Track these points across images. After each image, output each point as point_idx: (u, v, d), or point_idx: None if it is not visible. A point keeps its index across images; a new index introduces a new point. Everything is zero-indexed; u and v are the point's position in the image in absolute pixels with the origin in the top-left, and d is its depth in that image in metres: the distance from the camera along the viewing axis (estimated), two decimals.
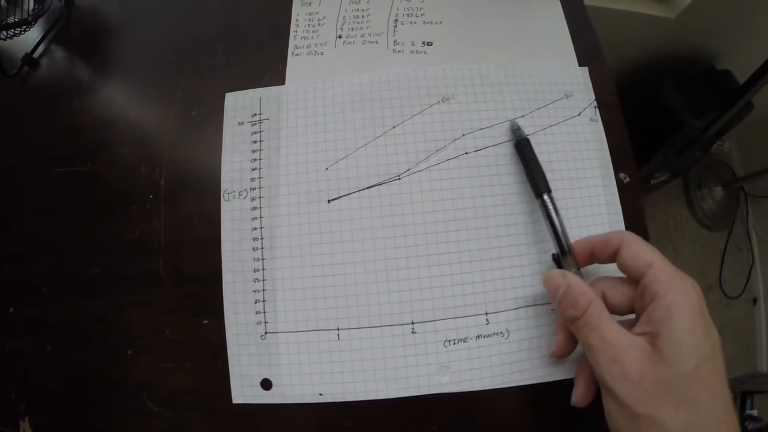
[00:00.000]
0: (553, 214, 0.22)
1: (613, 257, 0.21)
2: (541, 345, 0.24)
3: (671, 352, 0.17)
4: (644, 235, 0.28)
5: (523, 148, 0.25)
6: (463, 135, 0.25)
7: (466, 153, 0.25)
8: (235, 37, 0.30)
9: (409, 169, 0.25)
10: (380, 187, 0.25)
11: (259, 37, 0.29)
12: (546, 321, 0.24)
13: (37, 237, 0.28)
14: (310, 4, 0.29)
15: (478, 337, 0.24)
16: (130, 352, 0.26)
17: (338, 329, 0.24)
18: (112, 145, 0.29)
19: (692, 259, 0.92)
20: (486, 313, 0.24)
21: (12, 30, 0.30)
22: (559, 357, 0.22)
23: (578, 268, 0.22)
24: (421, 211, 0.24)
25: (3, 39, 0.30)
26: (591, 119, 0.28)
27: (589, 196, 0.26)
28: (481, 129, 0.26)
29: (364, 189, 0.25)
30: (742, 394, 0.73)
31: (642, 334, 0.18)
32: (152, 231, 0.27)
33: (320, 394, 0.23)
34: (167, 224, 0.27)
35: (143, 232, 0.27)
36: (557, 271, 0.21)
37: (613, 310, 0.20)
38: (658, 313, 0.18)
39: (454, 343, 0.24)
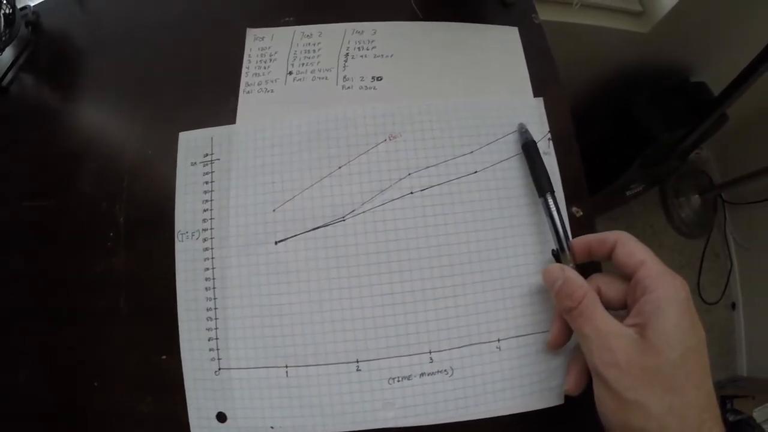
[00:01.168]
0: (555, 213, 0.24)
1: (608, 255, 0.22)
2: (486, 382, 0.24)
3: (659, 342, 0.18)
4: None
5: (529, 150, 0.26)
6: (409, 174, 0.25)
7: (411, 193, 0.25)
8: (192, 73, 0.30)
9: (354, 210, 0.25)
10: (326, 228, 0.24)
11: (214, 74, 0.29)
12: (489, 359, 0.24)
13: (8, 269, 0.29)
14: (263, 38, 0.29)
15: (422, 374, 0.24)
16: (96, 384, 0.27)
17: (287, 366, 0.24)
18: (76, 180, 0.29)
19: (670, 266, 0.87)
20: (430, 352, 0.24)
21: None
22: (554, 347, 0.23)
23: (575, 264, 0.23)
24: (365, 252, 0.24)
25: None
26: (544, 152, 0.27)
27: (539, 233, 0.26)
28: (428, 167, 0.25)
29: (309, 231, 0.25)
30: (722, 398, 0.72)
31: (633, 325, 0.19)
32: (113, 268, 0.27)
33: (272, 428, 0.24)
34: (127, 261, 0.27)
35: (105, 268, 0.28)
36: (556, 265, 0.22)
37: (607, 304, 0.21)
38: (648, 306, 0.19)
39: (398, 381, 0.24)
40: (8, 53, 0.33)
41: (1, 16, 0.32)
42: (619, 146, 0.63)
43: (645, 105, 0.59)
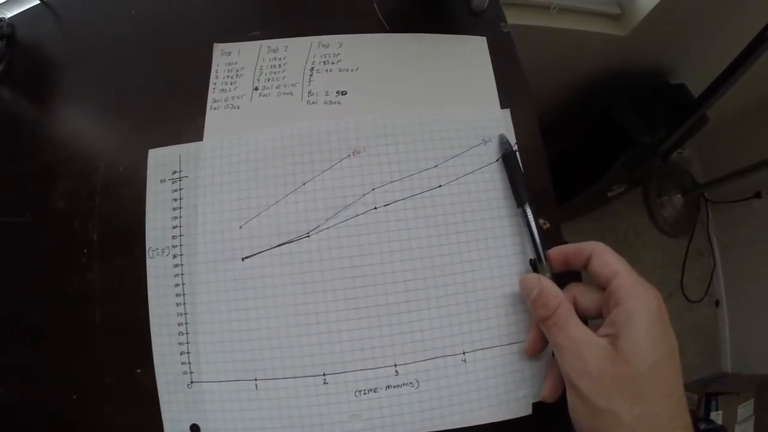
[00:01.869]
0: (532, 223, 0.24)
1: (584, 265, 0.22)
2: (452, 393, 0.24)
3: (630, 352, 0.18)
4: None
5: (509, 161, 0.26)
6: (373, 189, 0.25)
7: (375, 208, 0.25)
8: (161, 88, 0.29)
9: (318, 227, 0.25)
10: (290, 244, 0.25)
11: (182, 90, 0.29)
12: (455, 371, 0.24)
13: None
14: (230, 53, 0.28)
15: (388, 387, 0.24)
16: (75, 397, 0.27)
17: (256, 380, 0.24)
18: (50, 197, 0.29)
19: (654, 265, 0.92)
20: (395, 365, 0.24)
21: None
22: (531, 354, 0.24)
23: (552, 274, 0.23)
24: (329, 268, 0.24)
25: None
26: None
27: (505, 246, 0.26)
28: (392, 182, 0.25)
29: (275, 247, 0.25)
30: (707, 395, 0.72)
31: (605, 335, 0.19)
32: (88, 284, 0.28)
33: None
34: (101, 277, 0.27)
35: (80, 284, 0.28)
36: (532, 275, 0.23)
37: (583, 314, 0.22)
38: (621, 317, 0.19)
39: (364, 393, 0.24)
40: None
41: None
42: (600, 148, 0.63)
43: (625, 107, 0.59)
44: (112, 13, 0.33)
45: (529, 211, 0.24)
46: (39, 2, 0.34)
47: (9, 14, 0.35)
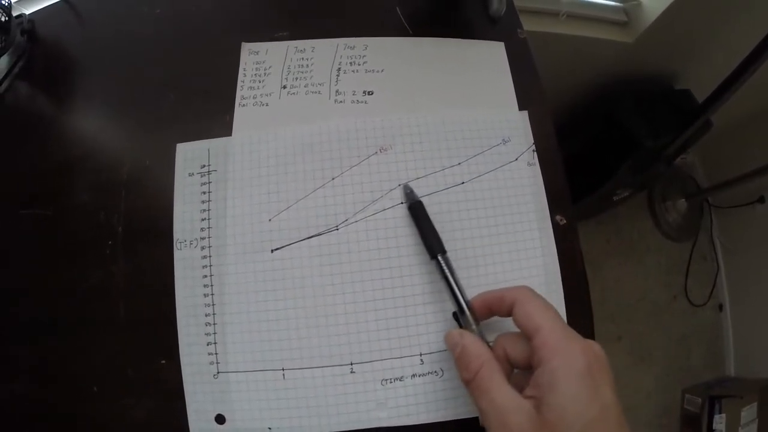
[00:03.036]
0: (448, 275, 0.23)
1: (508, 313, 0.21)
2: None
3: (554, 419, 0.17)
4: (581, 275, 0.29)
5: (416, 211, 0.26)
6: (399, 185, 0.27)
7: (402, 203, 0.27)
8: (187, 85, 0.31)
9: (346, 220, 0.26)
10: (320, 237, 0.26)
11: (210, 87, 0.31)
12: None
13: (6, 278, 0.30)
14: (257, 53, 0.31)
15: (414, 375, 0.26)
16: (95, 389, 0.28)
17: (283, 369, 0.26)
18: (73, 190, 0.31)
19: (657, 270, 0.95)
20: (420, 354, 0.26)
21: None
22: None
23: (478, 324, 0.22)
24: (357, 260, 0.26)
25: None
26: (528, 163, 0.29)
27: (524, 240, 0.28)
28: (417, 179, 0.27)
29: (304, 239, 0.26)
30: (711, 398, 0.75)
31: (530, 397, 0.18)
32: (112, 276, 0.29)
33: (269, 428, 0.26)
34: (126, 269, 0.29)
35: (103, 276, 0.29)
36: (455, 331, 0.22)
37: (515, 365, 0.21)
38: (544, 378, 0.18)
39: (390, 382, 0.26)
40: (4, 61, 0.34)
41: None
42: (605, 152, 0.66)
43: (631, 112, 0.63)
44: (135, 11, 0.35)
45: (443, 262, 0.23)
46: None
47: (29, 11, 0.37)
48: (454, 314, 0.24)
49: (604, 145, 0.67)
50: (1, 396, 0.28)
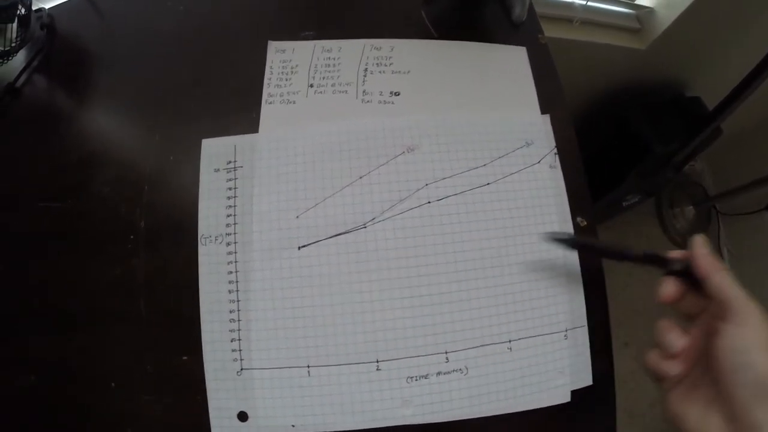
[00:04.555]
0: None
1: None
2: (498, 380, 0.27)
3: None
4: (599, 275, 0.31)
5: (583, 246, 0.28)
6: (426, 185, 0.28)
7: (429, 202, 0.28)
8: (212, 82, 0.32)
9: (374, 218, 0.27)
10: (347, 235, 0.27)
11: (235, 84, 0.32)
12: (501, 359, 0.27)
13: (20, 270, 0.30)
14: (284, 51, 0.32)
15: (439, 373, 0.27)
16: (113, 384, 0.29)
17: (308, 366, 0.27)
18: (93, 183, 0.31)
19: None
20: (446, 352, 0.27)
21: None
22: (667, 300, 0.24)
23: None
24: (385, 258, 0.27)
25: None
26: (551, 166, 0.30)
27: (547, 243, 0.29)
28: (443, 179, 0.28)
29: (332, 237, 0.27)
30: None
31: None
32: (132, 270, 0.29)
33: (293, 426, 0.26)
34: (147, 264, 0.29)
35: (124, 271, 0.30)
36: (702, 237, 0.24)
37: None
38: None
39: (416, 380, 0.27)
40: (22, 55, 0.35)
41: (16, 17, 0.34)
42: (616, 158, 0.68)
43: (641, 118, 0.65)
44: (158, 7, 0.36)
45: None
46: None
47: (48, 5, 0.38)
48: (673, 272, 0.24)
49: (615, 150, 0.69)
50: (19, 388, 0.29)
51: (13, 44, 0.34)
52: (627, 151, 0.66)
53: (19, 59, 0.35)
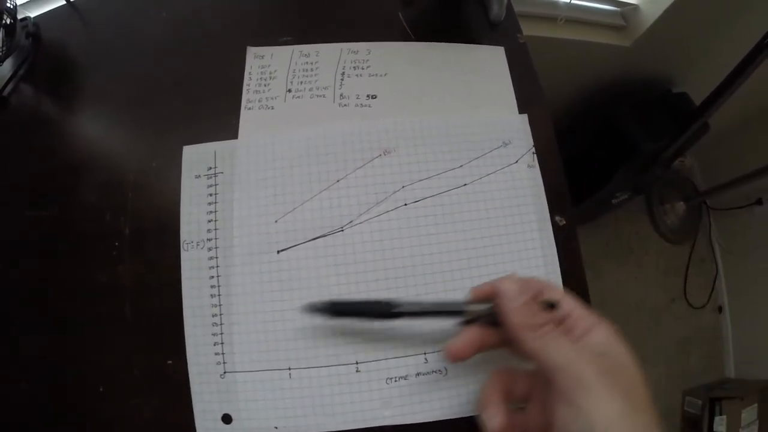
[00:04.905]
0: (416, 307, 0.23)
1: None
2: (478, 381, 0.28)
3: (625, 362, 0.20)
4: (580, 274, 0.31)
5: (338, 310, 0.25)
6: (403, 187, 0.29)
7: (405, 204, 0.28)
8: (192, 88, 0.33)
9: (351, 221, 0.28)
10: (325, 238, 0.28)
11: (215, 90, 0.32)
12: (482, 359, 0.28)
13: (10, 276, 0.31)
14: (262, 57, 0.32)
15: (418, 374, 0.27)
16: (101, 389, 0.29)
17: (290, 369, 0.27)
18: (79, 191, 0.32)
19: (656, 272, 0.99)
20: (425, 353, 0.27)
21: None
22: (456, 359, 0.23)
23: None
24: (362, 260, 0.28)
25: None
26: (529, 165, 0.31)
27: (525, 240, 0.29)
28: (420, 180, 0.29)
29: (310, 240, 0.28)
30: (711, 400, 0.77)
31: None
32: (118, 276, 0.30)
33: (276, 428, 0.27)
34: (132, 270, 0.30)
35: (110, 276, 0.30)
36: (514, 280, 0.22)
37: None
38: (598, 338, 0.20)
39: (395, 380, 0.27)
40: (9, 64, 0.35)
41: (2, 26, 0.35)
42: (604, 156, 0.69)
43: (628, 116, 0.65)
44: (140, 14, 0.37)
45: (403, 306, 0.23)
46: (64, 2, 0.37)
47: (34, 14, 0.39)
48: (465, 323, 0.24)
49: (602, 148, 0.69)
50: (8, 394, 0.29)
51: (0, 53, 0.34)
52: (615, 148, 0.66)
53: (5, 68, 0.35)
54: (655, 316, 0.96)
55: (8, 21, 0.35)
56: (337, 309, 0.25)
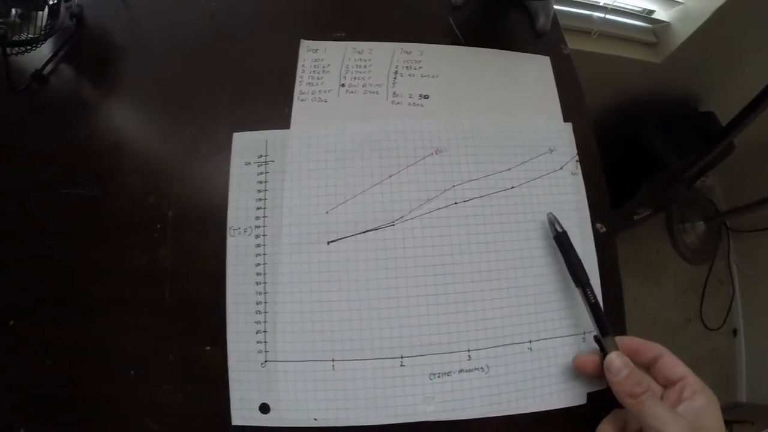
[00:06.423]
0: (594, 303, 0.28)
1: (650, 361, 0.29)
2: (518, 380, 0.29)
3: (710, 429, 0.25)
4: (617, 282, 0.33)
5: (562, 241, 0.30)
6: (453, 186, 0.31)
7: (455, 203, 0.30)
8: (243, 76, 0.35)
9: (402, 217, 0.30)
10: (376, 231, 0.30)
11: (266, 80, 0.34)
12: (521, 359, 0.30)
13: (43, 256, 0.32)
14: (316, 50, 0.34)
15: (461, 371, 0.29)
16: (132, 372, 0.30)
17: (333, 360, 0.29)
18: (119, 172, 0.33)
19: (674, 291, 1.03)
20: (468, 350, 0.29)
21: (23, 47, 0.34)
22: (582, 370, 0.28)
23: (617, 349, 0.28)
24: (412, 256, 0.29)
25: (14, 54, 0.34)
26: (572, 173, 0.33)
27: None
28: (470, 181, 0.31)
29: (360, 233, 0.30)
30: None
31: (685, 414, 0.25)
32: (158, 259, 0.31)
33: (315, 419, 0.28)
34: (174, 254, 0.31)
35: (150, 260, 0.31)
36: (620, 356, 0.27)
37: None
38: (696, 404, 0.26)
39: (438, 376, 0.29)
40: (50, 43, 0.37)
41: (46, 5, 0.36)
42: (628, 171, 0.72)
43: (655, 132, 0.69)
44: (189, 2, 0.38)
45: (588, 292, 0.28)
46: None
47: None
48: (596, 338, 0.29)
49: (628, 163, 0.73)
50: (35, 373, 0.30)
51: (42, 32, 0.36)
52: (640, 164, 0.70)
53: (47, 48, 0.37)
54: (670, 335, 0.99)
55: (53, 1, 0.37)
56: (561, 240, 0.30)
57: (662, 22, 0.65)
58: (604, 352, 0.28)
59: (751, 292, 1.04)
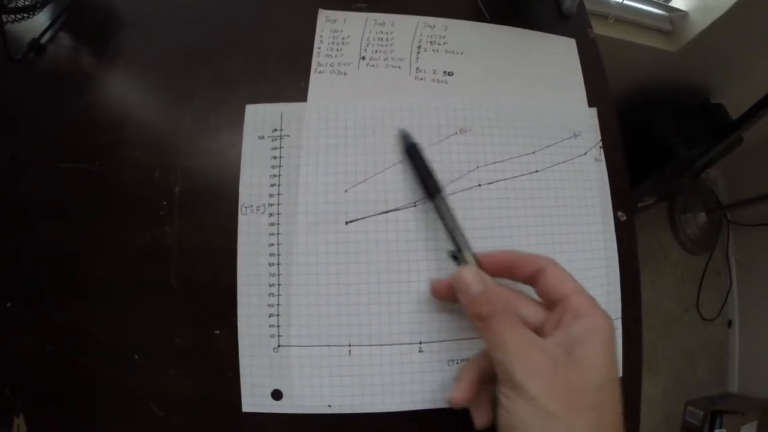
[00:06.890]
0: (447, 215, 0.26)
1: (531, 277, 0.24)
2: None
3: (587, 362, 0.20)
4: (636, 269, 0.33)
5: (412, 153, 0.28)
6: (477, 167, 0.30)
7: (479, 185, 0.30)
8: (256, 46, 0.33)
9: (424, 198, 0.29)
10: (397, 212, 0.29)
11: (281, 50, 0.32)
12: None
13: (40, 235, 0.31)
14: (335, 21, 0.33)
15: None
16: (137, 357, 0.29)
17: (350, 345, 0.28)
18: (122, 145, 0.32)
19: (672, 280, 1.06)
20: None
21: (20, 14, 0.32)
22: (457, 404, 0.24)
23: (478, 266, 0.24)
24: (434, 238, 0.29)
25: (10, 22, 0.32)
26: (596, 159, 0.33)
27: (589, 233, 0.31)
28: (494, 162, 0.30)
29: (381, 213, 0.29)
30: (713, 413, 0.84)
31: (557, 344, 0.21)
32: (164, 238, 0.30)
33: (329, 406, 0.28)
34: (181, 232, 0.30)
35: (155, 238, 0.30)
36: (473, 270, 0.23)
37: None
38: (579, 330, 0.21)
39: (457, 363, 0.28)
40: (48, 11, 0.35)
41: None
42: (637, 159, 0.72)
43: (666, 121, 0.70)
44: None
45: (441, 202, 0.26)
46: None
47: None
48: (452, 254, 0.25)
49: (637, 150, 0.73)
50: (35, 358, 0.29)
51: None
52: (649, 152, 0.70)
53: (45, 15, 0.34)
54: (666, 324, 1.02)
55: None
56: (411, 152, 0.28)
57: (680, 11, 0.65)
58: None
59: (747, 284, 1.08)
